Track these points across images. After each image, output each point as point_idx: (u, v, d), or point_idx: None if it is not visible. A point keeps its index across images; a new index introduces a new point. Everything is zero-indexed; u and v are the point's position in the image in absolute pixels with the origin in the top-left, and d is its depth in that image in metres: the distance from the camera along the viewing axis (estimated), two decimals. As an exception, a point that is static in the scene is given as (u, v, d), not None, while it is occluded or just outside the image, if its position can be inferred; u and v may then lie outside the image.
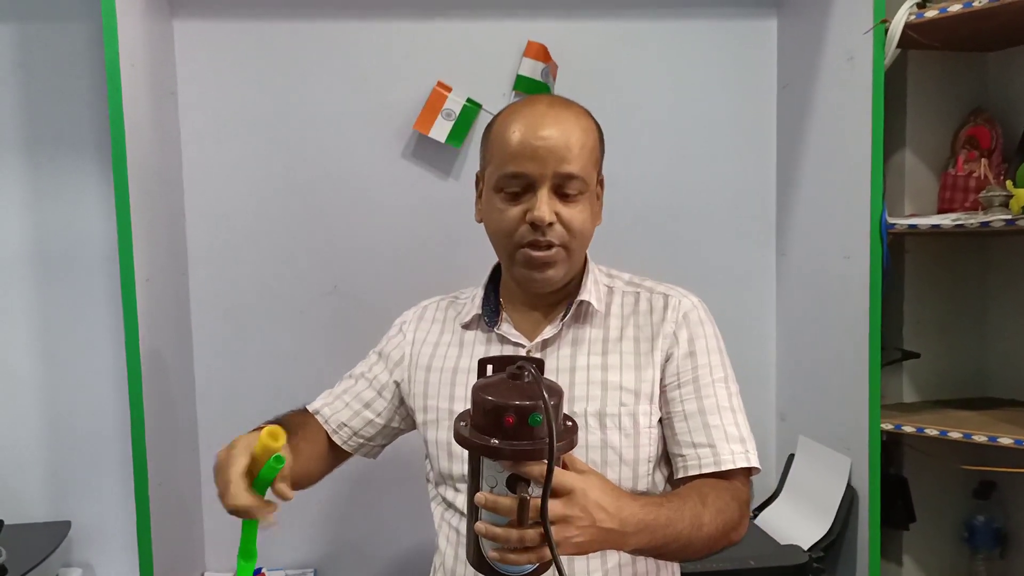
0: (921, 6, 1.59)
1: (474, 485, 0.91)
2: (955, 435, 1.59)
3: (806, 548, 1.64)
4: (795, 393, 1.94)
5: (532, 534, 0.86)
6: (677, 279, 1.87)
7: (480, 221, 1.22)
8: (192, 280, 1.82)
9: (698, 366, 1.18)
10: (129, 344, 1.48)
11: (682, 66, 1.91)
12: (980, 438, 1.56)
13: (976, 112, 1.79)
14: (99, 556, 1.82)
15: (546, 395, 0.84)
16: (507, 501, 0.86)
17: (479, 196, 1.23)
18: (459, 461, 1.17)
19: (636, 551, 1.01)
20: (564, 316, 1.20)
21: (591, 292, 1.21)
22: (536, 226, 1.11)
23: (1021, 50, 1.77)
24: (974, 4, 1.51)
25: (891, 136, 1.74)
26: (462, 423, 0.91)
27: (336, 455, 1.31)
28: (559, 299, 1.23)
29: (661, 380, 1.18)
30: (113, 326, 1.76)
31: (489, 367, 0.95)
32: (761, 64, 1.93)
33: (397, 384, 1.29)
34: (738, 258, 1.96)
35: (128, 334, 1.48)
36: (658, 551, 1.02)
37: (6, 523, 1.64)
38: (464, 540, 1.04)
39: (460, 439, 0.90)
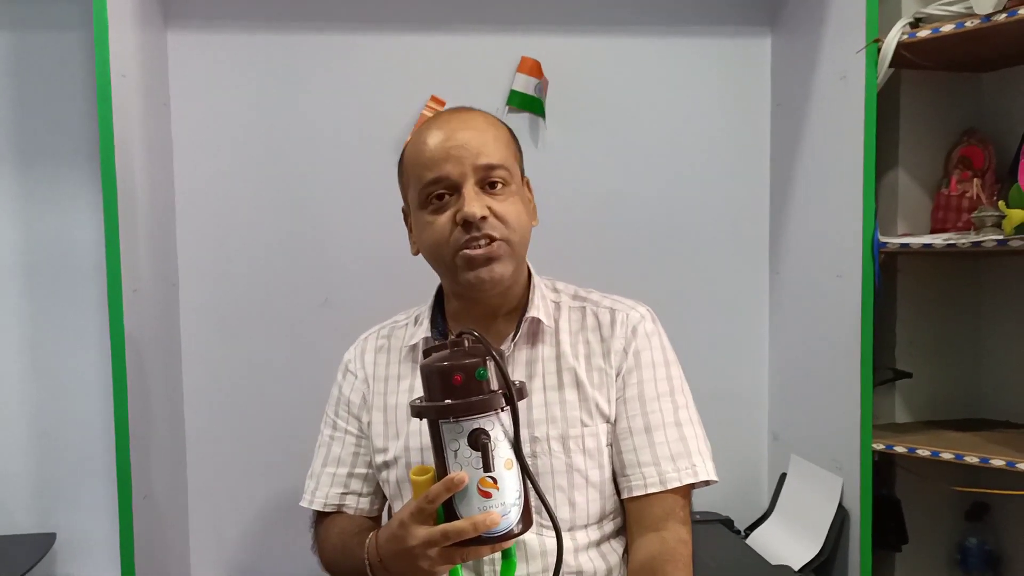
0: (914, 26, 1.59)
1: (438, 457, 0.93)
2: (947, 456, 1.57)
3: (797, 568, 1.63)
4: (787, 412, 1.93)
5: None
6: (670, 297, 1.90)
7: (416, 253, 1.19)
8: (182, 292, 1.81)
9: (644, 381, 1.15)
10: (115, 355, 1.47)
11: (676, 84, 1.91)
12: (972, 459, 1.54)
13: (969, 132, 1.79)
14: (84, 568, 1.80)
15: (491, 348, 0.91)
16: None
17: (410, 230, 1.20)
18: None
19: None
20: (515, 336, 1.17)
21: (540, 308, 1.18)
22: (469, 223, 1.07)
23: (1014, 71, 1.78)
24: (966, 24, 1.51)
25: (884, 155, 1.74)
26: (417, 401, 0.95)
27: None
28: (507, 314, 1.20)
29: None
30: (101, 337, 1.75)
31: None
32: (754, 82, 1.93)
33: (366, 425, 1.25)
34: (731, 276, 1.96)
35: (114, 345, 1.47)
36: None
37: (-11, 534, 1.62)
38: None
39: (416, 411, 0.93)
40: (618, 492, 1.18)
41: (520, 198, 1.14)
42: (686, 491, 1.14)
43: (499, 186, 1.11)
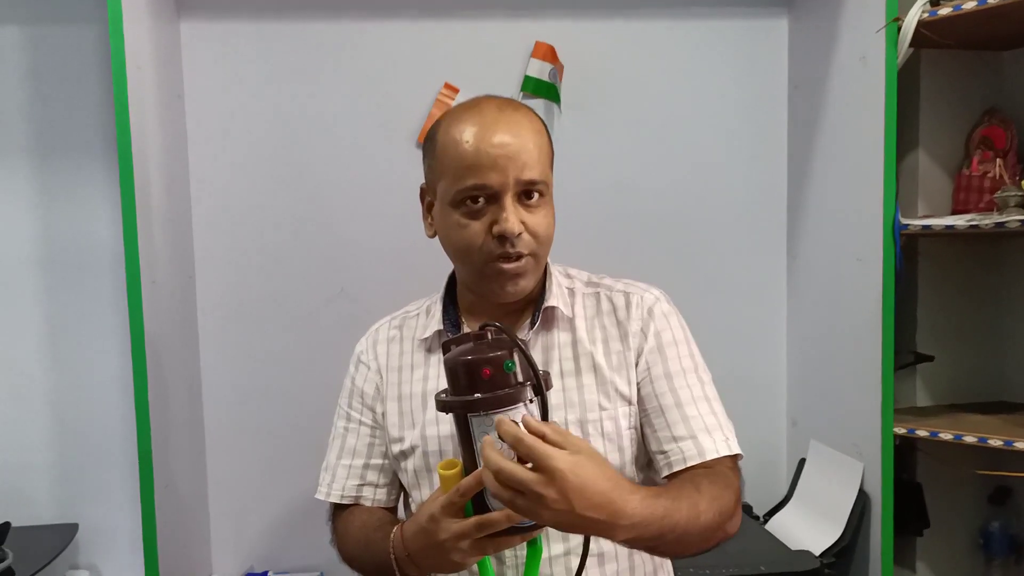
0: (934, 4, 1.57)
1: (467, 450, 0.93)
2: (970, 439, 1.56)
3: (818, 554, 1.62)
4: (806, 397, 1.91)
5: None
6: (687, 283, 1.89)
7: (432, 236, 1.18)
8: (199, 283, 1.82)
9: (668, 359, 1.15)
10: (135, 347, 1.48)
11: (692, 67, 1.89)
12: (995, 442, 1.53)
13: (990, 112, 1.76)
14: (106, 558, 1.82)
15: (516, 340, 0.91)
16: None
17: (428, 210, 1.18)
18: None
19: (627, 543, 0.97)
20: (533, 324, 1.17)
21: (556, 297, 1.18)
22: (504, 238, 1.07)
23: (1036, 49, 1.75)
24: (988, 1, 1.49)
25: (904, 136, 1.72)
26: (442, 395, 0.94)
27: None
28: (521, 306, 1.19)
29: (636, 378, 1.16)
30: (120, 329, 1.76)
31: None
32: (772, 64, 1.91)
33: (380, 415, 1.24)
34: (749, 261, 1.95)
35: (134, 337, 1.48)
36: (652, 544, 0.98)
37: (13, 525, 1.63)
38: None
39: (443, 406, 0.93)
40: (654, 473, 1.17)
41: (550, 208, 1.14)
42: (731, 466, 1.13)
43: (536, 197, 1.10)
